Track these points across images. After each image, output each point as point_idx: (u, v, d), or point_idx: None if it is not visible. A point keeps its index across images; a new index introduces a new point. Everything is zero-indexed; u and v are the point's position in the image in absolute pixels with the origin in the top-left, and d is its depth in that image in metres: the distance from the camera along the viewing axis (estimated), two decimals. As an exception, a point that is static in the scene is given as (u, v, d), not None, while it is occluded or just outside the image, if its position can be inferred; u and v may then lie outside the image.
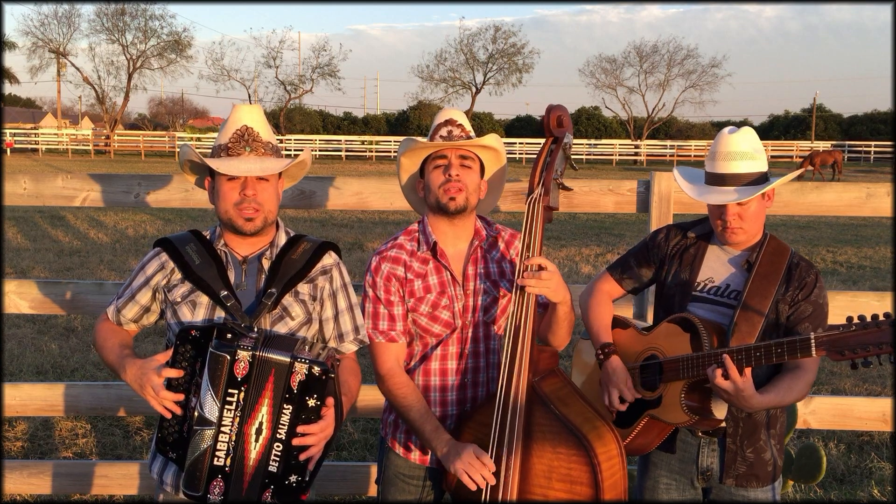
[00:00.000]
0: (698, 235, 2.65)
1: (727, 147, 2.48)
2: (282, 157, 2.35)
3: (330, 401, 2.11)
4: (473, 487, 2.29)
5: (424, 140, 2.52)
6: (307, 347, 2.16)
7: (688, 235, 2.67)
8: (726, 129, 2.52)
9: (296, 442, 2.07)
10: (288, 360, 2.06)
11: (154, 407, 2.14)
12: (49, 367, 6.35)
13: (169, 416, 2.14)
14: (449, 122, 2.52)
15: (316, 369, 2.06)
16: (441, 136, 2.49)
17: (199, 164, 2.36)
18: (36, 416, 4.37)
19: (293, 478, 2.09)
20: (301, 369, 2.05)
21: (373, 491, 3.44)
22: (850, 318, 2.13)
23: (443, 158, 2.48)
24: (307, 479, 2.13)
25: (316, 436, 2.09)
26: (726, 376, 2.27)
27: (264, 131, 2.32)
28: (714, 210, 2.53)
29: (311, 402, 2.07)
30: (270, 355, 2.07)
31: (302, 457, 2.09)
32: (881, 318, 2.08)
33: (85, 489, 3.63)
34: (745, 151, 2.46)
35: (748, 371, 2.28)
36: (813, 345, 2.17)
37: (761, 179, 2.47)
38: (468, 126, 2.55)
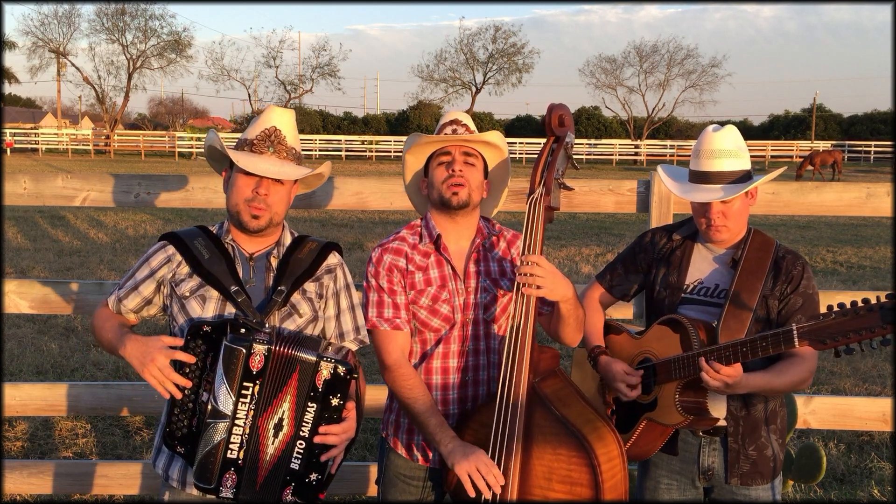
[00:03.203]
0: (683, 237, 2.65)
1: (711, 145, 2.48)
2: (302, 165, 2.38)
3: (352, 402, 2.15)
4: (473, 493, 2.27)
5: (429, 136, 2.54)
6: (330, 348, 2.19)
7: (673, 237, 2.67)
8: (710, 127, 2.53)
9: (318, 440, 2.10)
10: (314, 359, 2.09)
11: (153, 385, 2.12)
12: (49, 366, 6.35)
13: (167, 396, 2.13)
14: (454, 122, 2.54)
15: (341, 369, 2.09)
16: (446, 135, 2.52)
17: (218, 155, 2.40)
18: (36, 415, 4.38)
19: (313, 476, 2.13)
20: (327, 368, 2.09)
21: (373, 491, 3.44)
22: (830, 307, 2.14)
23: (447, 155, 2.50)
24: (326, 477, 2.16)
25: (339, 436, 2.12)
26: (717, 371, 2.29)
27: (291, 136, 2.35)
28: (698, 208, 2.53)
29: (335, 402, 2.10)
30: (296, 353, 2.10)
31: (324, 457, 2.12)
32: (860, 304, 2.09)
33: (85, 489, 3.62)
34: (728, 149, 2.47)
35: (737, 365, 2.29)
36: (795, 335, 2.17)
37: (745, 178, 2.48)
38: (473, 127, 2.56)
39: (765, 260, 2.50)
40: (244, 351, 2.07)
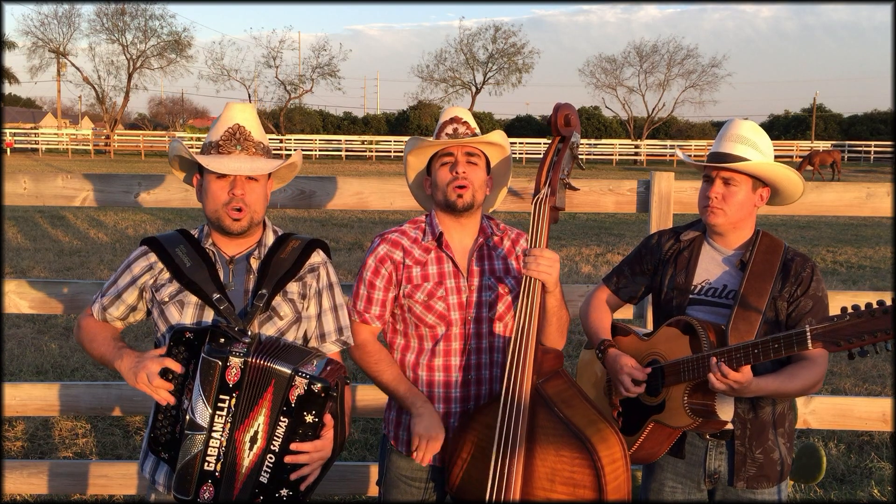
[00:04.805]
0: (691, 238, 2.64)
1: (737, 129, 2.49)
2: (272, 158, 2.34)
3: (329, 420, 2.09)
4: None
5: (430, 139, 2.53)
6: (314, 362, 2.13)
7: (681, 239, 2.66)
8: (739, 117, 2.55)
9: (288, 459, 2.05)
10: (289, 372, 2.05)
11: (147, 393, 2.11)
12: (49, 366, 6.34)
13: (164, 402, 2.12)
14: (454, 119, 2.54)
15: (317, 386, 2.03)
16: (447, 134, 2.51)
17: (187, 160, 2.35)
18: (36, 415, 4.38)
19: (284, 491, 2.08)
20: (301, 384, 2.04)
21: (373, 491, 3.44)
22: (844, 309, 2.13)
23: (449, 156, 2.50)
24: (301, 496, 2.10)
25: (310, 455, 2.06)
26: (725, 375, 2.27)
27: (256, 131, 2.30)
28: (703, 188, 2.54)
29: (309, 419, 2.05)
30: (272, 365, 2.05)
31: (294, 475, 2.07)
32: (875, 305, 2.07)
33: (84, 489, 3.62)
34: (747, 137, 2.47)
35: (747, 368, 2.27)
36: (809, 337, 2.15)
37: None
38: (473, 123, 2.56)
39: (773, 262, 2.49)
40: (220, 364, 2.03)
